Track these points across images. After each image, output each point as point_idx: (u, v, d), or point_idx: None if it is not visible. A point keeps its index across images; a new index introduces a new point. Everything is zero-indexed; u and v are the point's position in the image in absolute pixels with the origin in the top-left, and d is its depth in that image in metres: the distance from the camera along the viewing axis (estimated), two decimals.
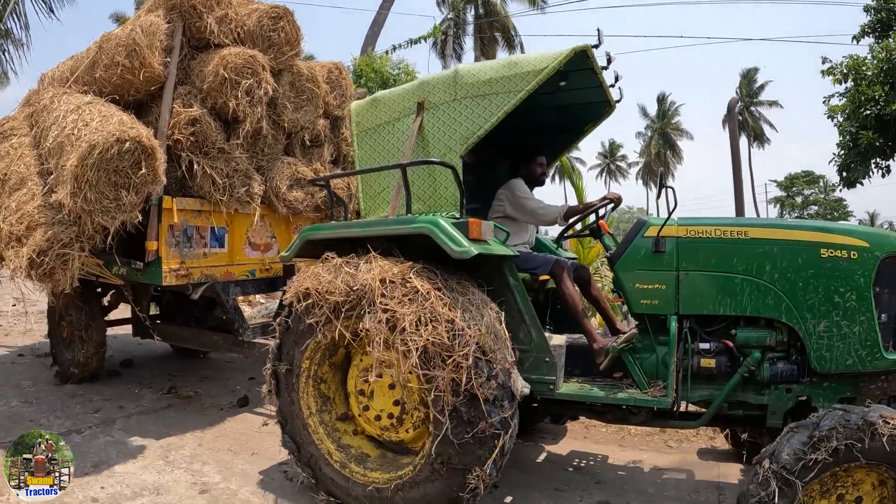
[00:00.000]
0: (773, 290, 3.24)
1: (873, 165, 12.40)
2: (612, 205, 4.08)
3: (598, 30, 3.75)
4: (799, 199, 56.12)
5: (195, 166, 4.85)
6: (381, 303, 3.07)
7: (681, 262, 3.40)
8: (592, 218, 4.14)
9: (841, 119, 12.62)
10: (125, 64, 4.81)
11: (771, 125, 55.73)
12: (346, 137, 6.06)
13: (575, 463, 4.43)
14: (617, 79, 4.17)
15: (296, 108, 5.49)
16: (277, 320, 3.71)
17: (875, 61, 11.72)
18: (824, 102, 12.99)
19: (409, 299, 3.07)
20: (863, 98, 11.68)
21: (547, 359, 3.44)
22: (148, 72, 4.79)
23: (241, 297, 6.15)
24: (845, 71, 12.04)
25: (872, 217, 60.64)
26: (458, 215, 3.50)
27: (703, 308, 3.37)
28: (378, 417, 3.48)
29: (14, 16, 10.16)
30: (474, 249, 3.14)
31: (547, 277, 4.01)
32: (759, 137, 55.24)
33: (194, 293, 4.95)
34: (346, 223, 4.08)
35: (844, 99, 12.54)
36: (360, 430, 3.67)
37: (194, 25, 5.13)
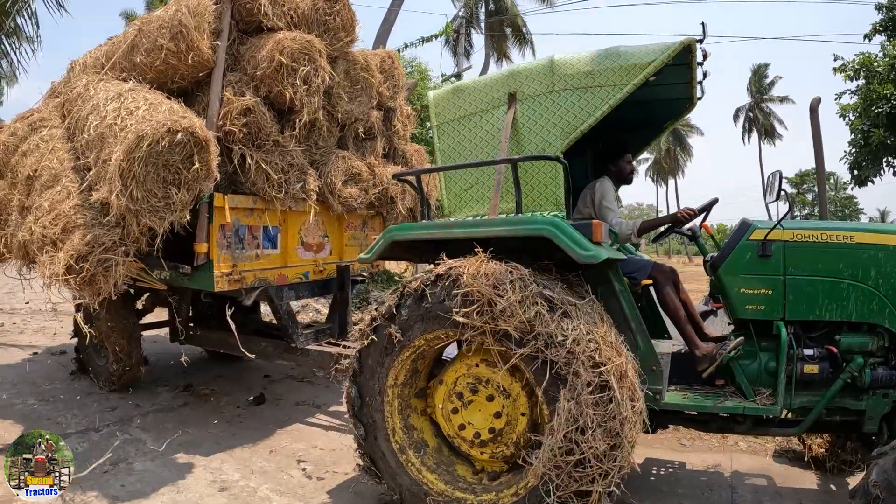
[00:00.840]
0: (877, 295, 3.12)
1: (885, 164, 11.88)
2: (685, 223, 3.72)
3: (703, 24, 3.41)
4: (810, 196, 53.28)
5: (248, 160, 4.17)
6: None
7: (788, 267, 3.21)
8: (697, 221, 3.77)
9: (852, 117, 12.06)
10: (170, 47, 4.09)
11: (781, 122, 53.72)
12: (399, 130, 5.41)
13: None
14: (705, 75, 3.71)
15: (350, 99, 4.79)
16: (364, 327, 3.14)
17: (887, 59, 11.20)
18: (836, 100, 12.49)
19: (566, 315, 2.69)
20: (874, 96, 11.16)
21: (654, 367, 3.12)
22: (196, 56, 4.08)
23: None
24: (857, 68, 11.49)
25: (883, 214, 58.55)
26: (561, 215, 3.18)
27: (809, 313, 3.19)
28: (477, 434, 3.01)
29: (24, 14, 9.32)
30: (603, 253, 2.80)
31: (648, 282, 3.59)
32: (769, 134, 53.28)
33: (247, 299, 4.27)
34: (441, 223, 3.44)
35: (856, 97, 12.00)
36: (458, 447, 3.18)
37: (244, 7, 4.41)
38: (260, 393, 5.31)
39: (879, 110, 11.09)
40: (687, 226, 3.76)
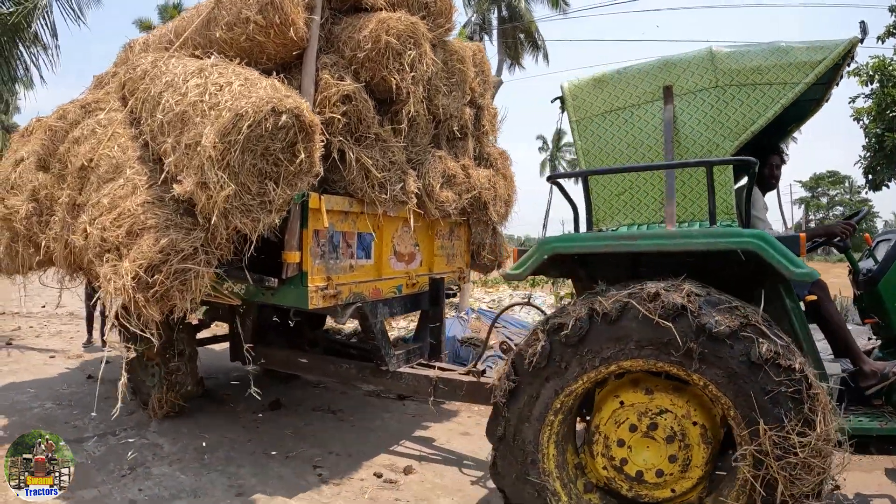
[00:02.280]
0: None
1: None
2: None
3: (863, 23, 2.90)
4: (824, 200, 50.70)
5: (348, 155, 3.23)
6: None
7: None
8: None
9: (867, 121, 11.16)
10: (258, 20, 3.11)
11: None
12: (487, 131, 4.50)
13: None
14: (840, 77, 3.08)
15: (446, 93, 3.88)
16: (530, 346, 2.36)
17: None
18: (850, 103, 11.59)
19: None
20: (889, 100, 10.36)
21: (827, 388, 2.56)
22: (288, 32, 3.13)
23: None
24: (871, 73, 10.65)
25: None
26: (733, 224, 2.70)
27: None
28: (640, 474, 2.40)
29: (42, 20, 8.23)
30: (816, 271, 2.31)
31: (812, 298, 3.00)
32: None
33: (341, 316, 3.29)
34: (620, 234, 2.70)
35: (870, 101, 11.12)
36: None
37: None
38: (276, 398, 4.74)
39: (894, 114, 10.27)
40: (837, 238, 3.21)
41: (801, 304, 3.01)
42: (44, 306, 10.14)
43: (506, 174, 4.45)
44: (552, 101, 3.53)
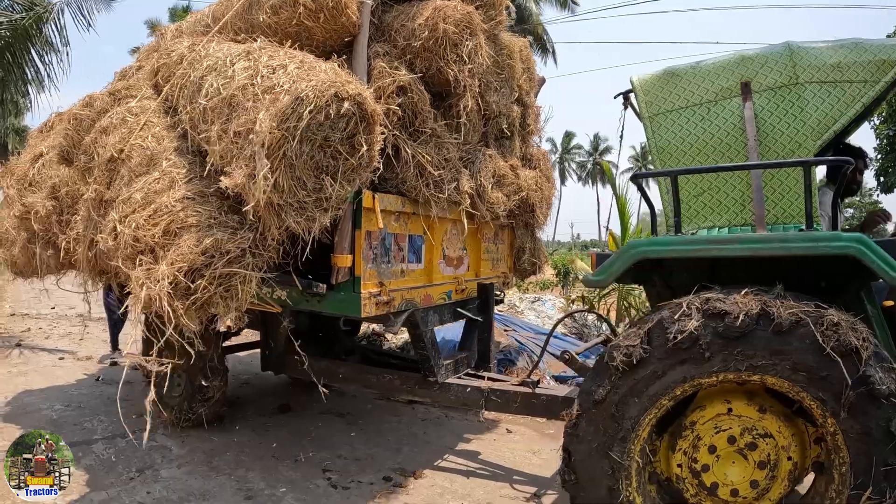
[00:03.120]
0: None
1: None
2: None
3: None
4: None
5: (403, 151, 2.82)
6: None
7: None
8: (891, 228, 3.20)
9: (878, 122, 10.78)
10: (307, 4, 2.68)
11: None
12: (533, 131, 4.10)
13: None
14: None
15: (496, 88, 3.50)
16: (620, 352, 2.08)
17: None
18: None
19: None
20: None
21: None
22: (340, 17, 2.73)
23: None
24: None
25: None
26: (802, 227, 2.44)
27: None
28: (714, 486, 2.17)
29: (54, 24, 7.78)
30: None
31: (890, 303, 2.71)
32: None
33: (393, 325, 2.87)
34: (704, 238, 2.44)
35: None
36: None
37: None
38: (285, 402, 4.47)
39: None
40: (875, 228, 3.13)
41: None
42: (53, 308, 9.72)
43: (548, 176, 4.07)
44: (615, 97, 3.19)
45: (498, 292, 3.80)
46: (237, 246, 2.22)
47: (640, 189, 2.81)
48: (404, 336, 6.52)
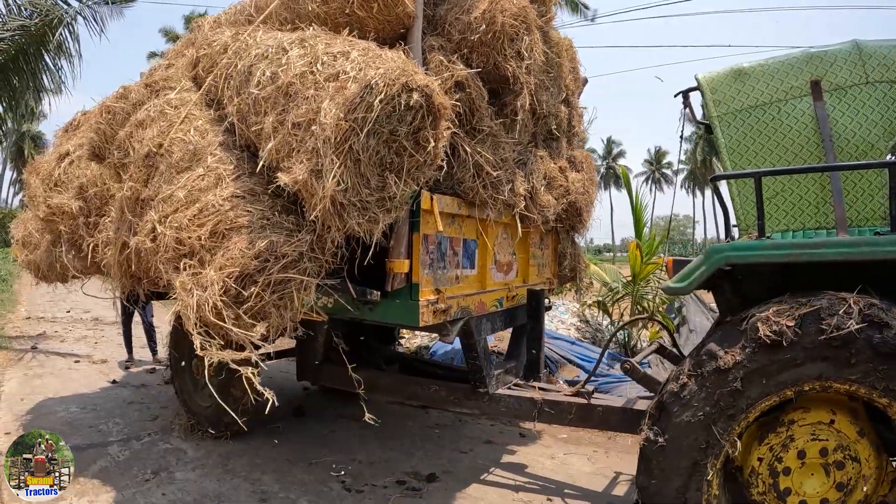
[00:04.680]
0: None
1: None
2: None
3: None
4: None
5: (461, 150, 2.51)
6: None
7: None
8: None
9: None
10: None
11: None
12: (577, 132, 3.80)
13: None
14: None
15: (547, 87, 3.21)
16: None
17: None
18: None
19: None
20: None
21: None
22: (395, 7, 2.42)
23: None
24: None
25: None
26: (878, 231, 2.25)
27: None
28: (787, 491, 2.00)
29: (68, 31, 7.47)
30: None
31: None
32: None
33: (449, 334, 2.55)
34: (790, 242, 2.13)
35: None
36: None
37: None
38: (299, 405, 4.28)
39: None
40: None
41: None
42: (68, 311, 9.38)
43: (593, 179, 3.79)
44: (675, 96, 2.95)
45: (548, 300, 3.49)
46: (296, 249, 1.90)
47: (716, 191, 2.54)
48: (416, 341, 6.22)
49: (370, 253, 2.11)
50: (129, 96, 2.72)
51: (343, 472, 3.15)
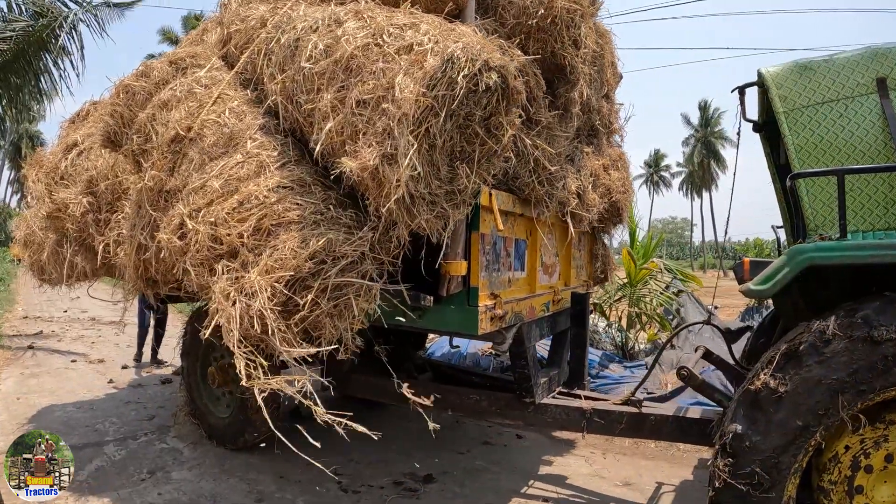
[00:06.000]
0: None
1: None
2: None
3: None
4: None
5: (521, 143, 2.20)
6: None
7: None
8: None
9: None
10: None
11: None
12: (615, 129, 3.50)
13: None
14: None
15: (594, 80, 2.93)
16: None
17: None
18: None
19: None
20: None
21: None
22: None
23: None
24: None
25: None
26: None
27: None
28: (860, 488, 1.83)
29: (69, 33, 7.01)
30: None
31: None
32: None
33: (503, 342, 2.24)
34: (876, 243, 1.99)
35: None
36: None
37: None
38: (296, 405, 3.64)
39: None
40: None
41: None
42: (65, 311, 8.89)
43: (629, 178, 3.51)
44: (733, 91, 2.71)
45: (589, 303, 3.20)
46: (357, 248, 1.57)
47: (792, 191, 2.29)
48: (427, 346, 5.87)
49: (421, 254, 1.80)
50: (150, 74, 2.28)
51: (340, 473, 3.02)
